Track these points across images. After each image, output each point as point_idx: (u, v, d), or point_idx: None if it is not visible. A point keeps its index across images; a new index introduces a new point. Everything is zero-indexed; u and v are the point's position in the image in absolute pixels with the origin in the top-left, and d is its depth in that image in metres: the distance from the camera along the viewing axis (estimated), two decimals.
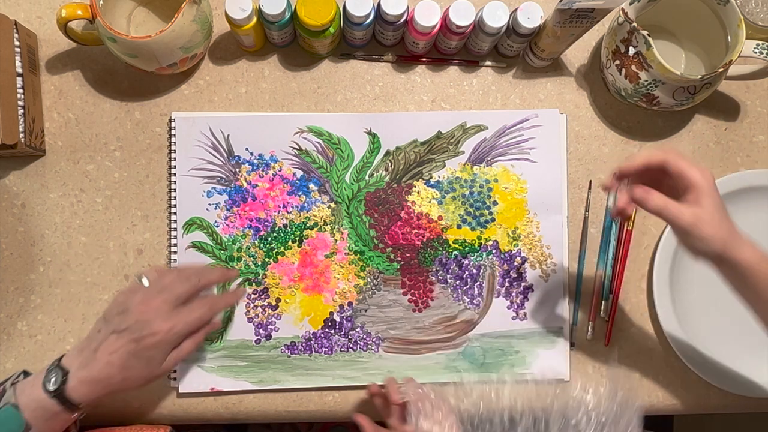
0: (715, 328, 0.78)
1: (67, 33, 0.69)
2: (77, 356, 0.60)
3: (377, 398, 0.70)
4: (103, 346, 0.60)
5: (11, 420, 0.58)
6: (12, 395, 0.58)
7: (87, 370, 0.59)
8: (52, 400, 0.58)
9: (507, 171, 0.77)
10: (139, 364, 0.60)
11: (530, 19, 0.70)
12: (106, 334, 0.60)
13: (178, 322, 0.61)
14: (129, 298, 0.62)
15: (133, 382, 0.61)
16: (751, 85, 0.81)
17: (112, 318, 0.61)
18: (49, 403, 0.58)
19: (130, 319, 0.60)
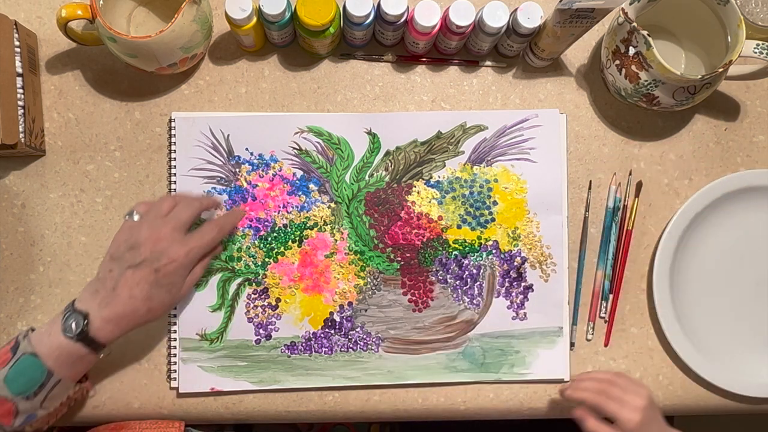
0: (715, 327, 0.78)
1: (67, 33, 0.69)
2: (93, 298, 0.61)
3: None
4: (121, 283, 0.61)
5: (32, 368, 0.59)
6: (28, 345, 0.59)
7: (110, 308, 0.61)
8: (77, 344, 0.60)
9: (507, 171, 0.77)
10: (160, 292, 0.63)
11: (530, 19, 0.70)
12: (121, 271, 0.62)
13: (193, 247, 0.64)
14: (133, 234, 0.63)
15: (157, 311, 0.64)
16: (751, 85, 0.81)
17: (121, 255, 0.63)
18: (74, 348, 0.60)
19: (145, 252, 0.62)
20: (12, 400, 0.58)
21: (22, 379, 0.58)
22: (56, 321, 0.61)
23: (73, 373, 0.61)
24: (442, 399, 0.76)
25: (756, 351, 0.79)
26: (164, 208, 0.65)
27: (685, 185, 0.79)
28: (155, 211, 0.65)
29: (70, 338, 0.59)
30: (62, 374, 0.60)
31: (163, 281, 0.63)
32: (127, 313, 0.61)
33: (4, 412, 0.58)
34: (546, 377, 0.76)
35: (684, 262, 0.78)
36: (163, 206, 0.66)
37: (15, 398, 0.58)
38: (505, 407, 0.77)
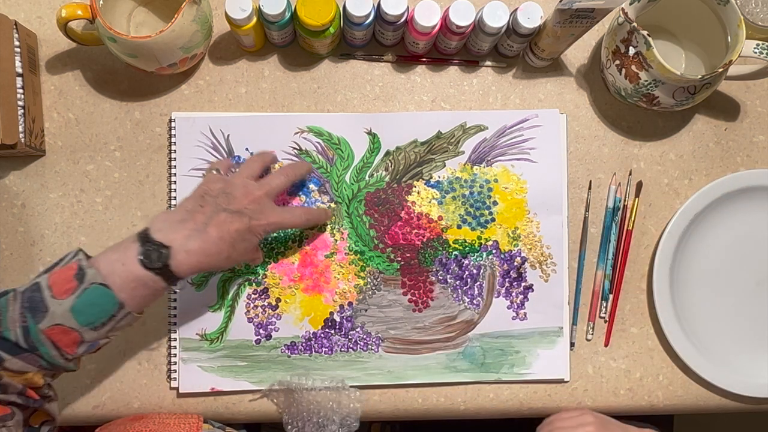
0: (715, 328, 0.78)
1: (67, 33, 0.69)
2: (176, 229, 0.60)
3: None
4: (214, 221, 0.61)
5: (103, 300, 0.57)
6: (96, 275, 0.57)
7: (197, 242, 0.60)
8: (156, 277, 0.58)
9: (507, 171, 0.77)
10: (242, 245, 0.63)
11: (530, 19, 0.70)
12: (216, 211, 0.62)
13: (284, 219, 0.66)
14: (228, 184, 0.64)
15: (233, 261, 0.64)
16: (751, 85, 0.81)
17: (216, 196, 0.63)
18: (151, 280, 0.58)
19: (241, 203, 0.63)
20: (78, 330, 0.56)
21: (91, 310, 0.56)
22: (128, 249, 0.58)
23: (143, 304, 0.59)
24: (442, 399, 0.76)
25: (756, 351, 0.79)
26: (256, 170, 0.68)
27: (685, 185, 0.79)
28: (248, 170, 0.67)
29: (149, 270, 0.58)
30: (133, 306, 0.58)
31: (249, 237, 0.63)
32: (212, 252, 0.61)
33: (69, 341, 0.56)
34: (546, 377, 0.76)
35: (684, 262, 0.78)
36: (255, 167, 0.68)
37: (82, 328, 0.56)
38: (505, 407, 0.77)
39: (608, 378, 0.78)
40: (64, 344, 0.56)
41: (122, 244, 0.59)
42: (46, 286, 0.56)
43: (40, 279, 0.57)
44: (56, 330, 0.55)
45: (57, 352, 0.56)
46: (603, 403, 0.77)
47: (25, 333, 0.55)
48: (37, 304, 0.56)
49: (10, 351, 0.55)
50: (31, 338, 0.55)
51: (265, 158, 0.71)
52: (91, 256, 0.59)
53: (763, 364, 0.78)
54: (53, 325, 0.55)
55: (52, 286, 0.56)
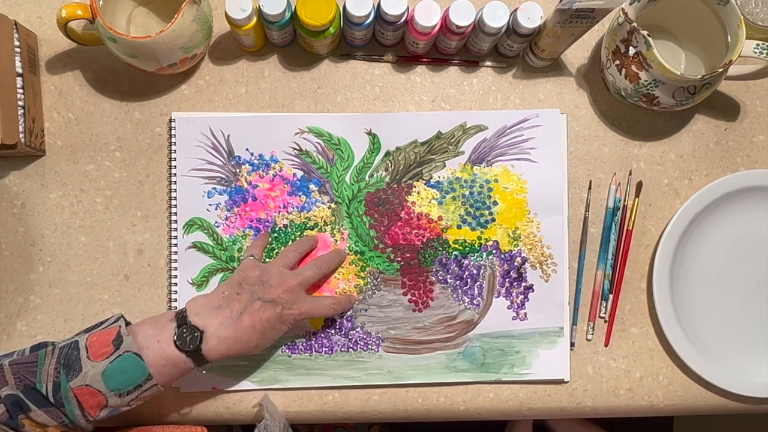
0: (715, 328, 0.78)
1: (67, 33, 0.69)
2: (213, 315, 0.62)
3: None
4: (249, 310, 0.63)
5: (134, 369, 0.59)
6: (132, 344, 0.59)
7: (230, 330, 0.62)
8: (186, 359, 0.60)
9: (507, 171, 0.77)
10: (272, 333, 0.66)
11: (530, 19, 0.70)
12: (252, 300, 0.64)
13: (312, 309, 0.69)
14: (265, 272, 0.67)
15: (259, 349, 0.66)
16: (751, 85, 0.81)
17: (253, 284, 0.65)
18: (181, 361, 0.60)
19: (275, 293, 0.66)
20: (105, 394, 0.58)
21: (120, 377, 0.58)
22: (165, 328, 0.61)
23: (169, 381, 0.62)
24: (442, 399, 0.76)
25: (756, 351, 0.79)
26: (292, 260, 0.71)
27: (685, 185, 0.79)
28: (284, 260, 0.71)
29: (182, 352, 0.60)
30: (160, 381, 0.60)
31: (279, 326, 0.66)
32: (242, 340, 0.63)
33: (94, 403, 0.58)
34: (546, 377, 0.76)
35: (684, 262, 0.78)
36: (291, 257, 0.71)
37: (109, 393, 0.58)
38: (505, 407, 0.77)
39: (608, 378, 0.78)
40: (89, 405, 0.58)
41: (160, 321, 0.62)
42: (83, 346, 0.59)
43: (79, 338, 0.60)
44: (84, 391, 0.58)
45: (80, 412, 0.58)
46: (603, 403, 0.77)
47: (55, 388, 0.58)
48: (73, 362, 0.58)
49: (39, 403, 0.57)
50: (60, 394, 0.57)
51: (302, 247, 0.73)
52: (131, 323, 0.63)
53: (763, 364, 0.78)
54: (83, 385, 0.58)
55: (90, 347, 0.59)
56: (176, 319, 0.62)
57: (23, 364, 0.59)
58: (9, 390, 0.57)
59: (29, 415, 0.57)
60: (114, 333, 0.60)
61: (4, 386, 0.57)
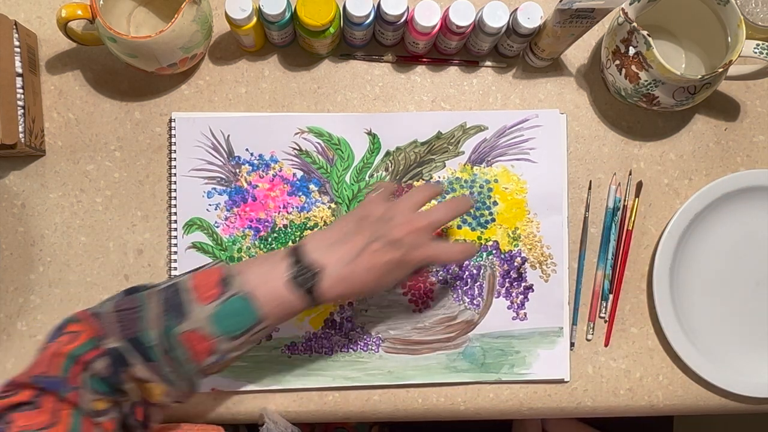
0: (715, 327, 0.78)
1: (67, 33, 0.69)
2: (330, 251, 0.58)
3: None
4: (368, 250, 0.58)
5: (245, 311, 0.55)
6: (243, 285, 0.55)
7: (347, 271, 0.57)
8: (300, 299, 0.56)
9: (507, 171, 0.77)
10: (391, 277, 0.60)
11: (530, 19, 0.70)
12: (372, 238, 0.58)
13: (440, 254, 0.61)
14: (390, 209, 0.60)
15: (375, 292, 0.62)
16: (751, 85, 0.81)
17: (375, 221, 0.59)
18: (296, 300, 0.56)
19: (400, 233, 0.59)
20: (214, 339, 0.54)
21: (230, 321, 0.54)
22: (278, 265, 0.56)
23: (281, 321, 0.57)
24: (442, 399, 0.76)
25: (756, 351, 0.79)
26: (420, 200, 0.63)
27: (685, 185, 0.79)
28: (413, 199, 0.63)
29: (297, 290, 0.56)
30: (270, 322, 0.56)
31: (399, 270, 0.60)
32: (358, 281, 0.58)
33: (202, 349, 0.54)
34: (546, 377, 0.76)
35: (684, 262, 0.78)
36: (420, 197, 0.63)
37: (219, 337, 0.54)
38: (505, 407, 0.77)
39: (608, 378, 0.78)
40: (197, 351, 0.54)
41: (271, 258, 0.58)
42: (186, 289, 0.55)
43: (178, 281, 0.56)
44: (192, 336, 0.54)
45: (189, 358, 0.54)
46: (603, 403, 0.78)
47: (162, 335, 0.53)
48: (179, 306, 0.54)
49: (143, 355, 0.53)
50: (168, 341, 0.53)
51: (433, 190, 0.65)
52: None
53: (763, 364, 0.78)
54: (191, 330, 0.54)
55: (196, 289, 0.55)
56: (291, 255, 0.57)
57: (126, 311, 0.54)
58: (114, 342, 0.53)
59: (132, 369, 0.53)
60: (220, 273, 0.56)
61: (109, 337, 0.53)
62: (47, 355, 0.53)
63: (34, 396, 0.51)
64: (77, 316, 0.56)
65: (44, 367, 0.52)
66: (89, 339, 0.53)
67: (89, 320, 0.55)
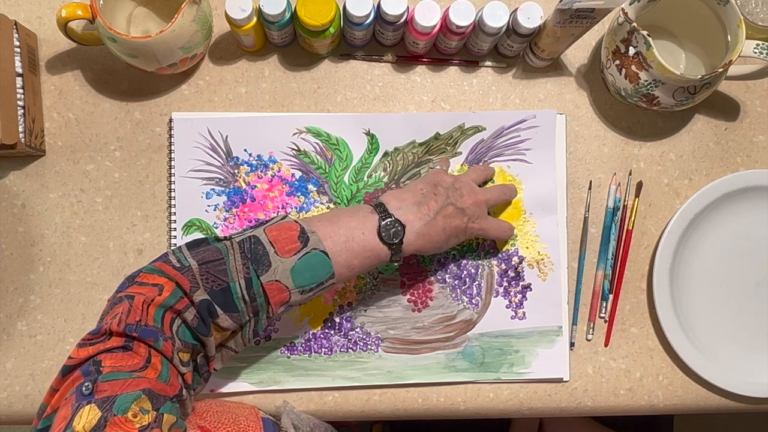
0: (715, 327, 0.78)
1: (67, 33, 0.69)
2: (413, 211, 0.63)
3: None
4: (443, 212, 0.64)
5: (322, 266, 0.58)
6: (319, 243, 0.58)
7: (427, 228, 0.63)
8: (388, 251, 0.61)
9: (503, 172, 0.77)
10: (454, 241, 0.67)
11: (530, 19, 0.70)
12: (446, 202, 0.65)
13: (492, 229, 0.71)
14: (457, 181, 0.68)
15: (441, 250, 0.67)
16: (751, 85, 0.81)
17: (447, 188, 0.66)
18: (383, 252, 0.61)
19: (467, 202, 0.67)
20: (290, 291, 0.58)
21: (308, 274, 0.58)
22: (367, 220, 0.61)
23: (348, 277, 0.62)
24: (442, 399, 0.76)
25: (756, 351, 0.79)
26: (480, 177, 0.73)
27: (685, 185, 0.79)
28: (473, 174, 0.72)
29: (385, 243, 0.61)
30: (342, 276, 0.60)
31: (460, 234, 0.67)
32: (432, 239, 0.64)
33: (279, 300, 0.58)
34: (545, 376, 0.76)
35: (684, 262, 0.78)
36: (479, 174, 0.73)
37: (294, 289, 0.58)
38: (505, 407, 0.77)
39: (608, 378, 0.78)
40: (275, 301, 0.57)
41: (358, 214, 0.62)
42: (267, 241, 0.58)
43: (255, 232, 0.59)
44: (274, 286, 0.57)
45: (267, 307, 0.57)
46: (603, 403, 0.77)
47: (248, 284, 0.56)
48: (261, 257, 0.57)
49: (227, 306, 0.56)
50: (253, 290, 0.56)
51: (487, 172, 0.75)
52: None
53: (763, 364, 0.78)
54: (273, 280, 0.56)
55: (275, 243, 0.57)
56: (377, 211, 0.62)
57: (211, 263, 0.56)
58: (202, 294, 0.55)
59: (217, 320, 0.56)
60: (297, 228, 0.59)
61: (198, 289, 0.55)
62: (137, 304, 0.54)
63: (125, 342, 0.52)
64: (157, 268, 0.56)
65: (139, 316, 0.53)
66: (174, 290, 0.55)
67: (173, 273, 0.56)
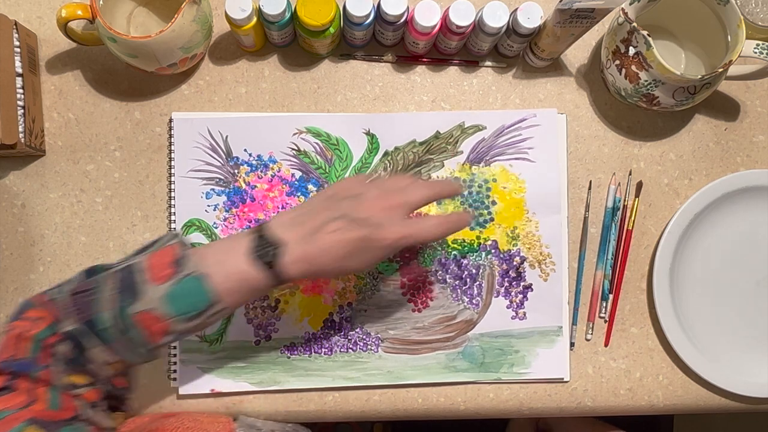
0: (715, 327, 0.78)
1: (67, 33, 0.69)
2: (293, 228, 0.56)
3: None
4: (328, 228, 0.56)
5: (198, 292, 0.54)
6: (197, 265, 0.54)
7: (310, 246, 0.55)
8: (262, 276, 0.55)
9: (505, 171, 0.77)
10: (356, 260, 0.57)
11: (530, 19, 0.70)
12: (335, 216, 0.56)
13: (410, 235, 0.58)
14: (362, 186, 0.59)
15: (341, 274, 0.59)
16: (751, 85, 0.81)
17: (342, 200, 0.58)
18: (257, 278, 0.55)
19: (367, 211, 0.57)
20: (168, 320, 0.53)
21: (184, 301, 0.53)
22: (241, 239, 0.56)
23: (242, 302, 0.56)
24: (442, 399, 0.76)
25: (756, 351, 0.79)
26: (401, 183, 0.60)
27: (685, 185, 0.79)
28: (392, 181, 0.61)
29: (258, 265, 0.54)
30: (228, 303, 0.55)
31: (364, 252, 0.57)
32: (318, 262, 0.56)
33: (157, 330, 0.54)
34: (546, 377, 0.76)
35: (684, 262, 0.78)
36: (401, 181, 0.61)
37: (171, 319, 0.53)
38: (505, 407, 0.77)
39: (608, 378, 0.78)
40: (151, 332, 0.54)
41: (235, 236, 0.57)
42: (141, 270, 0.54)
43: (133, 260, 0.55)
44: (146, 316, 0.53)
45: (144, 339, 0.54)
46: (603, 403, 0.77)
47: (116, 316, 0.53)
48: (131, 287, 0.53)
49: (100, 336, 0.53)
50: (123, 322, 0.53)
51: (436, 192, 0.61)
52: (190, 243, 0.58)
53: (763, 364, 0.78)
54: (145, 310, 0.53)
55: (149, 270, 0.54)
56: (254, 232, 0.56)
57: (81, 294, 0.54)
58: (70, 325, 0.53)
59: (93, 351, 0.53)
60: (173, 253, 0.54)
61: (66, 321, 0.53)
62: (11, 338, 0.53)
63: (7, 381, 0.52)
64: (33, 302, 0.55)
65: (12, 351, 0.53)
66: (48, 325, 0.54)
67: (46, 305, 0.55)
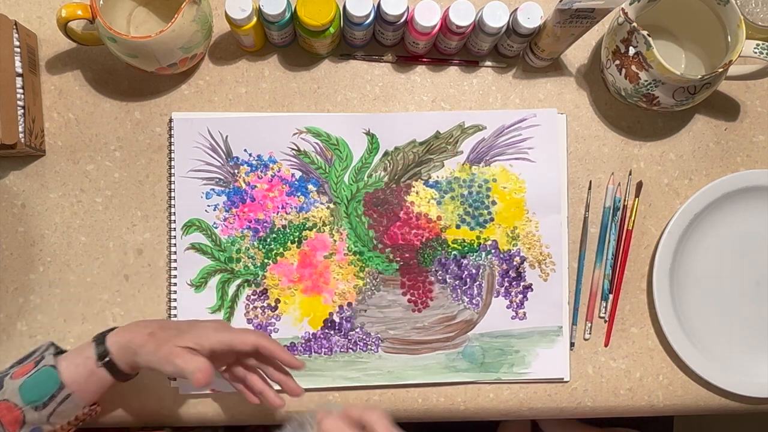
0: (715, 327, 0.78)
1: (67, 33, 0.69)
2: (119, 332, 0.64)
3: None
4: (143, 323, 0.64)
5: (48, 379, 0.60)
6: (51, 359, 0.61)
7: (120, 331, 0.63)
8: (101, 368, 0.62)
9: (506, 170, 0.77)
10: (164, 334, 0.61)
11: (530, 19, 0.70)
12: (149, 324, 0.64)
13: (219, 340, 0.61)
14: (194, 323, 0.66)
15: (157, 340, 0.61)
16: (751, 85, 0.81)
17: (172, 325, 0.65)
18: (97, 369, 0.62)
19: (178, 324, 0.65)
20: (21, 408, 0.59)
21: (35, 389, 0.60)
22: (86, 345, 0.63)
23: (85, 390, 0.62)
24: (442, 399, 0.76)
25: (756, 351, 0.79)
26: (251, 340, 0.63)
27: (685, 185, 0.79)
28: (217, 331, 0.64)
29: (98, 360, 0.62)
30: (74, 389, 0.61)
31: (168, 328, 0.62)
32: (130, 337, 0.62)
33: (11, 419, 0.60)
34: (546, 377, 0.76)
35: (684, 262, 0.78)
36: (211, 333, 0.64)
37: (24, 407, 0.60)
38: (505, 407, 0.77)
39: (608, 378, 0.78)
40: (7, 421, 0.60)
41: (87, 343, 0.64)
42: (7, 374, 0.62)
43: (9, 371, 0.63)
44: (2, 406, 0.59)
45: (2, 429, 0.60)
46: (603, 403, 0.77)
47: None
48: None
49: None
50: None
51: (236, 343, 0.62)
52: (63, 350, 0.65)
53: (763, 364, 0.78)
54: (1, 401, 0.60)
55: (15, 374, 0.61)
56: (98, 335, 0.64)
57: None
58: None
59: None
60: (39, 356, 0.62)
61: None
62: None
63: None
64: None
65: None
66: None
67: None
